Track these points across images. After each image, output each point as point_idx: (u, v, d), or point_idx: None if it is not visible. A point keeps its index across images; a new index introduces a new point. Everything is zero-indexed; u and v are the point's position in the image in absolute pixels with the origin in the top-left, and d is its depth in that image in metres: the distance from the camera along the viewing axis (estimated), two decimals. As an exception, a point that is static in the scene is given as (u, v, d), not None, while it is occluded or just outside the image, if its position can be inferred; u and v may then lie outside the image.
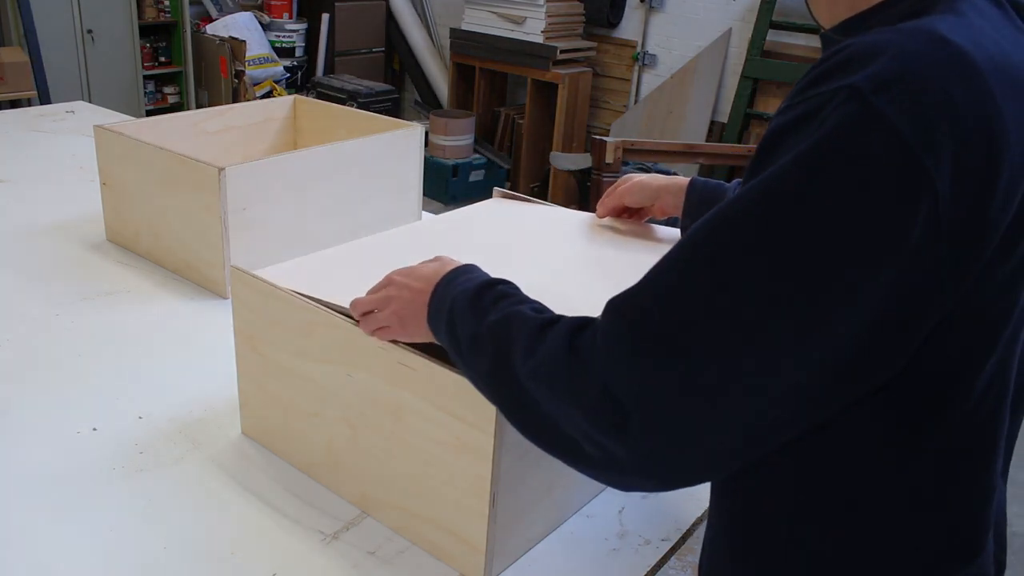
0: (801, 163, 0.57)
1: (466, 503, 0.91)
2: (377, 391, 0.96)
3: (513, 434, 0.88)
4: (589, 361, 0.65)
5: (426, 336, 0.87)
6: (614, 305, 0.67)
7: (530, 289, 0.82)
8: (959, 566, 0.73)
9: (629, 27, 4.91)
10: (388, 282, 0.91)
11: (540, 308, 0.77)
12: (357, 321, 0.94)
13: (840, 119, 0.56)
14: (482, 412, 0.86)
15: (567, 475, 1.01)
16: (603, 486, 1.11)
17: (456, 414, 0.89)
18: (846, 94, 0.57)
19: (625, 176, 1.27)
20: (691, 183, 1.15)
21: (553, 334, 0.70)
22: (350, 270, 1.12)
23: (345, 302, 1.00)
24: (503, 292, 0.79)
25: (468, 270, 0.85)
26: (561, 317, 0.73)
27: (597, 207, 1.28)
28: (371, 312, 0.92)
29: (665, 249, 0.68)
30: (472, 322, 0.77)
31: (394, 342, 0.92)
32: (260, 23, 5.56)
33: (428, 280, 0.86)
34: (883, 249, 0.56)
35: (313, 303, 1.00)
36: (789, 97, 0.63)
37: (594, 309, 0.90)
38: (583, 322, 0.70)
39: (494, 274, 0.85)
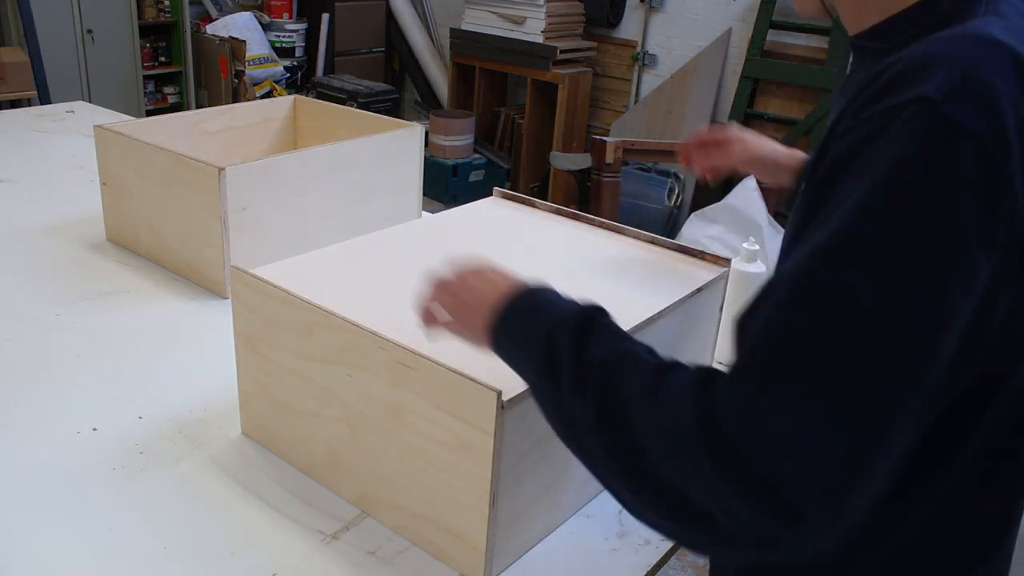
0: (886, 184, 0.57)
1: (466, 503, 0.91)
2: (377, 391, 0.96)
3: (513, 434, 0.88)
4: (733, 438, 0.57)
5: (480, 341, 0.81)
6: (743, 370, 0.60)
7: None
8: (977, 565, 0.73)
9: (629, 27, 4.91)
10: (458, 276, 0.85)
11: (650, 348, 0.70)
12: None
13: (914, 133, 0.56)
14: (482, 412, 0.86)
15: (567, 475, 1.01)
16: (603, 486, 1.10)
17: (456, 414, 0.88)
18: (915, 107, 0.56)
19: (729, 132, 1.10)
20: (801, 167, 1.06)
21: (677, 391, 0.62)
22: (349, 268, 1.12)
23: (344, 300, 1.00)
24: (605, 324, 0.73)
25: (548, 288, 0.79)
26: (676, 363, 0.66)
27: (693, 162, 1.15)
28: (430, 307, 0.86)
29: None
30: (573, 354, 0.69)
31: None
32: (260, 23, 5.56)
33: (498, 288, 0.80)
34: (978, 254, 0.56)
35: (313, 303, 1.00)
36: (843, 121, 0.61)
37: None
38: (707, 376, 0.62)
39: None
